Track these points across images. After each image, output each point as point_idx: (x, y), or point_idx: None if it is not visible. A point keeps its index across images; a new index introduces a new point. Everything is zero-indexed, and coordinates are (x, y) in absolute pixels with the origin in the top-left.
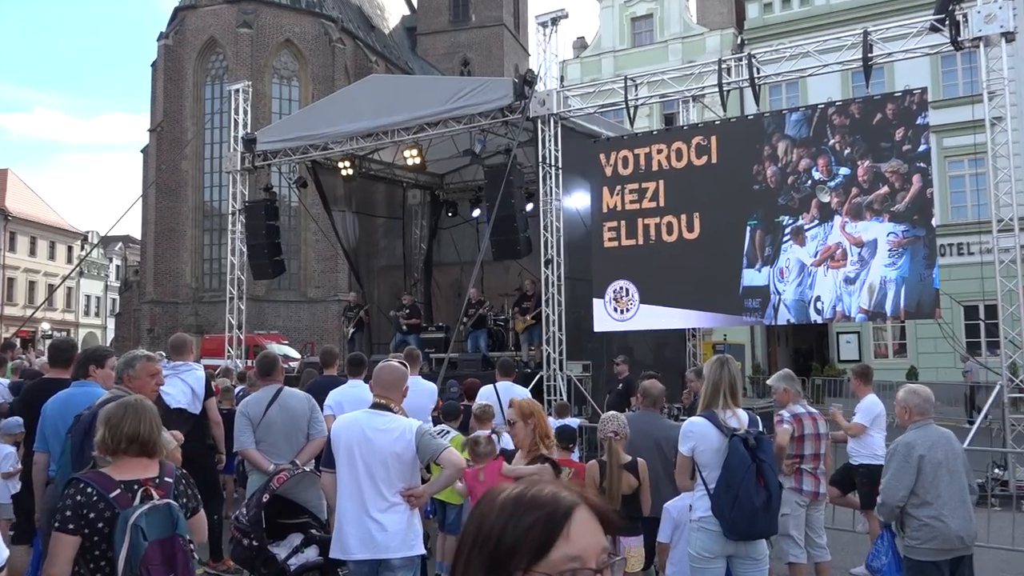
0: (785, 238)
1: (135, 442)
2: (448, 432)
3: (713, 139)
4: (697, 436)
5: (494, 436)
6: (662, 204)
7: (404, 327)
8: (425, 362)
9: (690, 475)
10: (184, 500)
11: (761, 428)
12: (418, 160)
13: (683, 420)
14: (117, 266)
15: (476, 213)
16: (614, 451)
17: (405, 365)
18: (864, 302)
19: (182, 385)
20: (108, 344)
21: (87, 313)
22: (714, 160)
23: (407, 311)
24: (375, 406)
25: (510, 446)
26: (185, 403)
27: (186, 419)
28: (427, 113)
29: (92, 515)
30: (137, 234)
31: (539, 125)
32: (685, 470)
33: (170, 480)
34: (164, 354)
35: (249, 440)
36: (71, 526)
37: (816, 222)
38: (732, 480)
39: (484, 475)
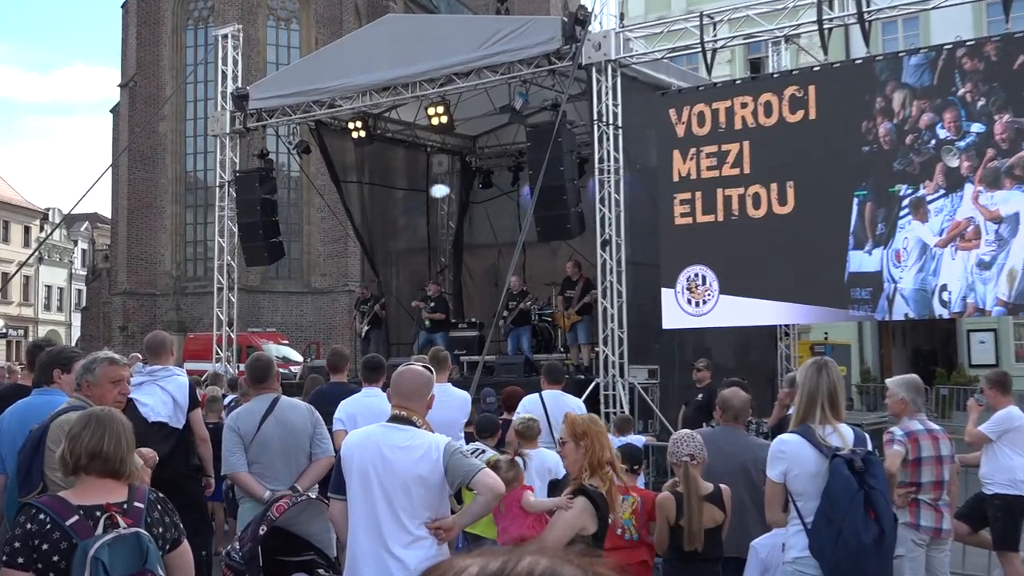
0: (902, 212)
1: (97, 458)
2: (483, 451)
3: (811, 90)
4: (790, 457)
5: (519, 459)
6: (747, 171)
7: (429, 323)
8: (455, 366)
9: (782, 506)
10: (160, 529)
11: (871, 447)
12: (445, 119)
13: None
14: (83, 250)
15: (517, 184)
16: (692, 479)
17: (430, 369)
18: (1003, 292)
19: (161, 394)
20: (73, 344)
21: (48, 307)
22: (812, 116)
23: (433, 304)
24: (394, 419)
25: (559, 471)
26: (165, 415)
27: (167, 435)
28: (456, 61)
29: (45, 546)
30: (107, 212)
31: (593, 74)
32: (776, 500)
33: (140, 506)
34: (139, 356)
35: (240, 461)
36: (20, 559)
37: (942, 192)
38: (834, 512)
39: (504, 507)
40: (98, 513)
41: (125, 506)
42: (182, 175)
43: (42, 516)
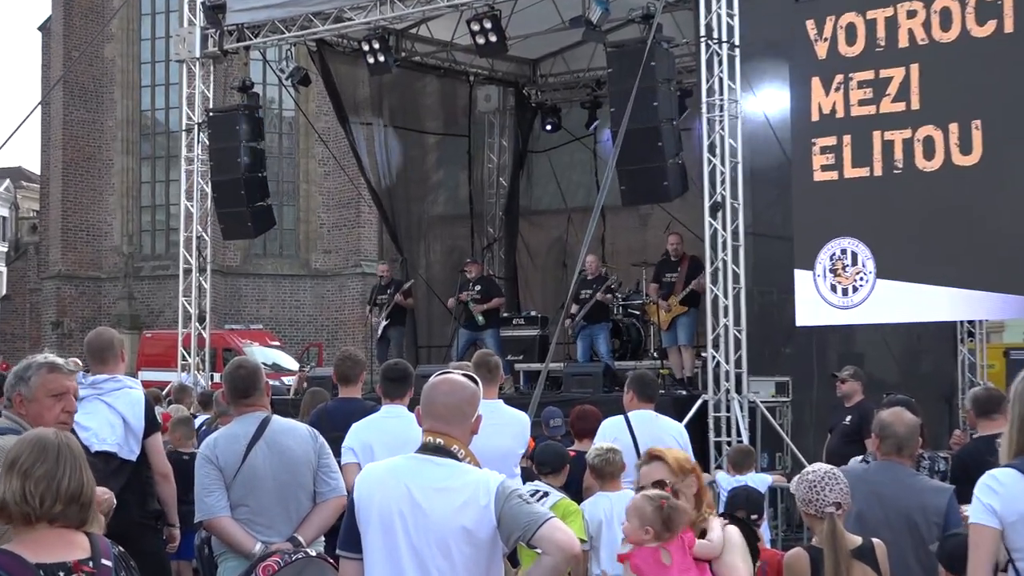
0: None
1: (58, 502)
2: (545, 494)
3: None
4: (1006, 498)
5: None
6: (916, 106)
7: (481, 318)
8: (508, 376)
9: (991, 566)
10: None
11: None
12: (494, 37)
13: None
14: (2, 218)
15: (593, 126)
16: (838, 534)
17: (476, 381)
18: None
19: (108, 414)
20: None
21: None
22: (1008, 28)
23: (477, 290)
24: (427, 449)
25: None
26: (113, 443)
27: (115, 469)
28: None
29: None
30: (34, 166)
31: None
32: (985, 557)
33: (108, 564)
34: (79, 362)
35: (220, 503)
36: None
37: None
38: None
39: (672, 556)
40: (61, 573)
41: (91, 563)
42: (135, 116)
43: None
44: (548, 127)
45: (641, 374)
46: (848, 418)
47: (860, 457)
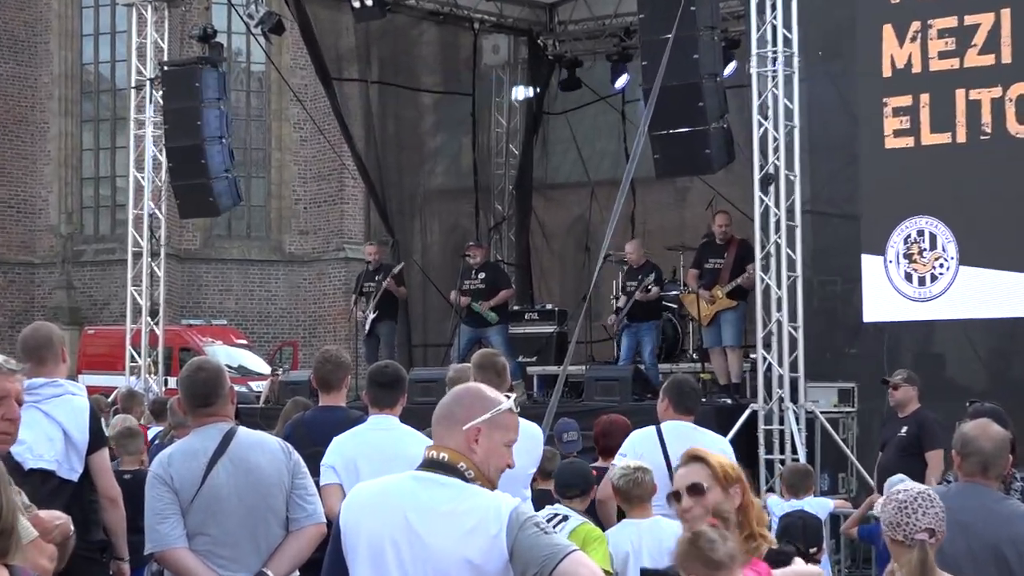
0: None
1: (3, 536)
2: (564, 518)
3: None
4: None
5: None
6: (1007, 60)
7: (476, 310)
8: (519, 381)
9: None
10: None
11: None
12: None
13: None
14: None
15: (621, 83)
16: (928, 566)
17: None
18: None
19: (46, 424)
20: None
21: None
22: None
23: (480, 279)
24: (429, 465)
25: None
26: (51, 459)
27: (53, 490)
28: None
29: None
30: None
31: None
32: None
33: None
34: (12, 364)
35: (175, 532)
36: None
37: None
38: None
39: None
40: None
41: None
42: (75, 70)
43: None
44: (566, 85)
45: (679, 380)
46: (904, 429)
47: (945, 478)
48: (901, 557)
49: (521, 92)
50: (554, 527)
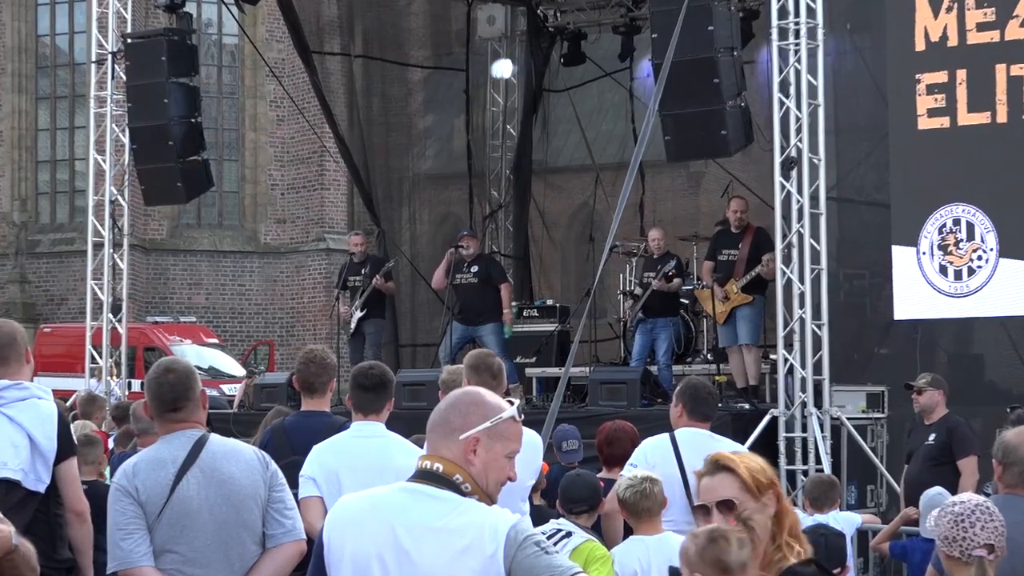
0: None
1: None
2: (567, 535)
3: None
4: None
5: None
6: None
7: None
8: (516, 384)
9: None
10: None
11: None
12: None
13: None
14: None
15: (629, 58)
16: None
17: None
18: None
19: (10, 430)
20: None
21: None
22: None
23: (474, 271)
24: (422, 476)
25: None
26: (16, 468)
27: (18, 503)
28: None
29: None
30: None
31: None
32: None
33: None
34: None
35: (140, 549)
36: None
37: None
38: None
39: None
40: None
41: None
42: (30, 43)
43: None
44: (568, 60)
45: (694, 383)
46: (931, 437)
47: (983, 490)
48: (958, 575)
49: (507, 68)
50: (555, 544)
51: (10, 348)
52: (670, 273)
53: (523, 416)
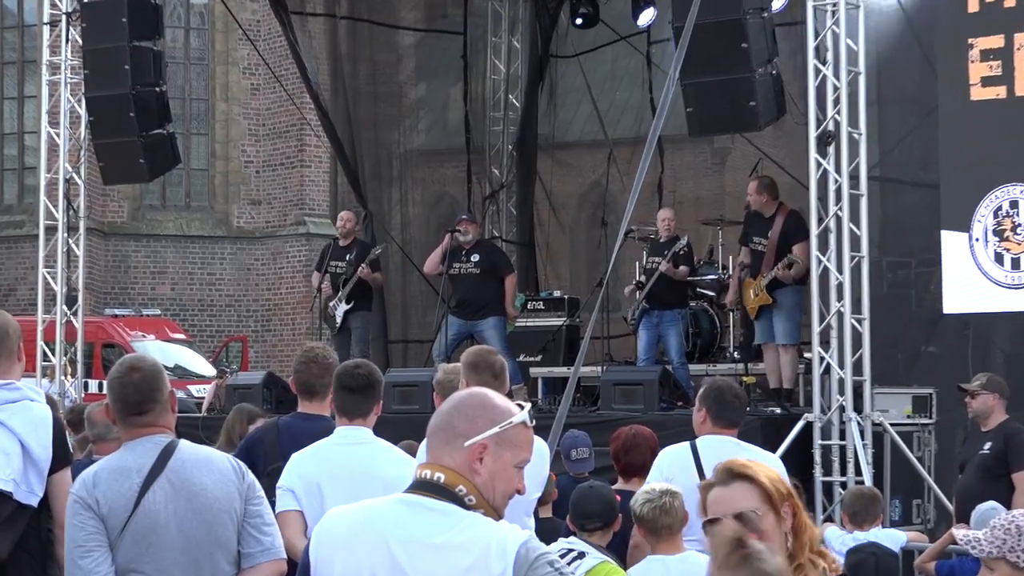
0: None
1: None
2: (582, 554)
3: None
4: None
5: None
6: None
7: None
8: (520, 385)
9: None
10: None
11: None
12: None
13: None
14: None
15: (646, 19)
16: None
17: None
18: None
19: (1, 436)
20: None
21: None
22: None
23: (473, 260)
24: (421, 487)
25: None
26: (7, 479)
27: (8, 517)
28: None
29: None
30: None
31: None
32: None
33: None
34: None
35: (101, 568)
36: None
37: None
38: None
39: None
40: None
41: None
42: None
43: None
44: (580, 20)
45: (720, 386)
46: (987, 446)
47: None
48: None
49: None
50: (571, 564)
51: (0, 343)
52: (681, 253)
53: (535, 422)
